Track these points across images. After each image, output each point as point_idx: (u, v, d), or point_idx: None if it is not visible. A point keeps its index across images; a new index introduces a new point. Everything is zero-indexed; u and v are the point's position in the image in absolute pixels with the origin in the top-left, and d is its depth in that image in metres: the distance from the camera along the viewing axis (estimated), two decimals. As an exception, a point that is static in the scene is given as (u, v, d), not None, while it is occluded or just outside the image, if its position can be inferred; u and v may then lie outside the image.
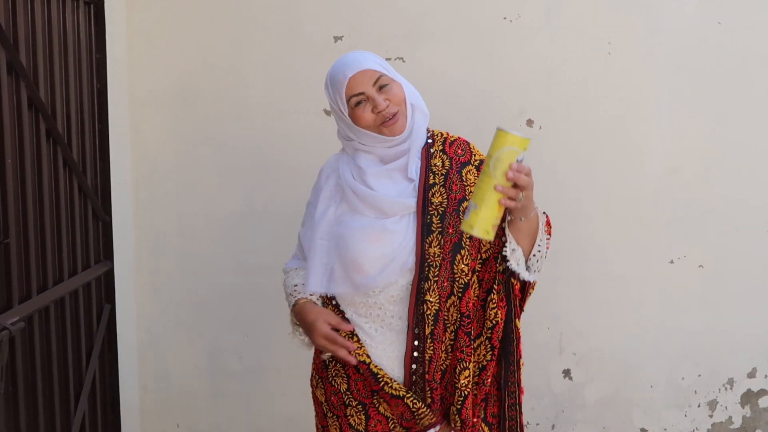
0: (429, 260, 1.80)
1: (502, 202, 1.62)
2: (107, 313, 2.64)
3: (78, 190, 2.43)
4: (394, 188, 1.86)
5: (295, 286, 2.00)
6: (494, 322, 1.84)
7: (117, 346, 2.71)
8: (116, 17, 2.77)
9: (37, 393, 2.15)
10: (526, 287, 1.88)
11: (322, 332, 1.84)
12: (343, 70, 1.84)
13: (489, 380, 1.86)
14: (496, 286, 1.84)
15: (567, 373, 3.08)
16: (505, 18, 2.89)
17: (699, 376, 3.08)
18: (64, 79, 2.32)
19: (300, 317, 1.94)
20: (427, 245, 1.81)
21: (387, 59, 2.89)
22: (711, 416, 3.11)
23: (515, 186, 1.62)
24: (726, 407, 3.11)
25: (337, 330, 1.86)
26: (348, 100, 1.83)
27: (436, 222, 1.82)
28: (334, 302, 1.93)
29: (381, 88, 1.82)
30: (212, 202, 3.02)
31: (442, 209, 1.83)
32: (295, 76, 2.93)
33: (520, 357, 1.90)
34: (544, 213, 1.88)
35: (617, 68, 2.91)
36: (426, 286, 1.80)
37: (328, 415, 1.94)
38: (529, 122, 2.94)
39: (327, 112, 2.94)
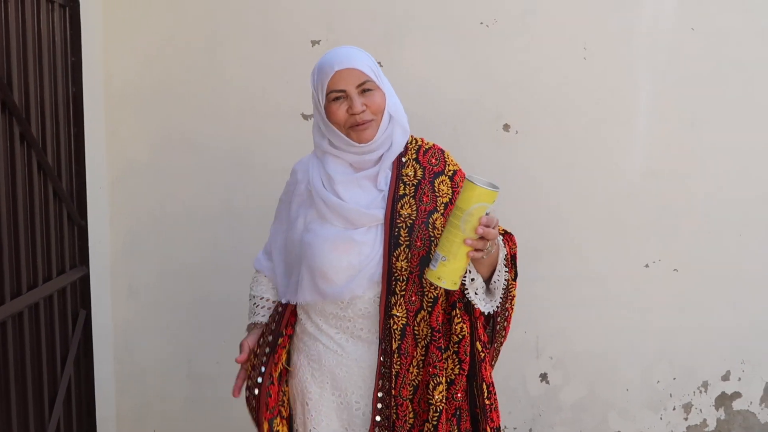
0: (396, 274, 1.78)
1: (470, 255, 1.65)
2: (83, 318, 2.61)
3: (53, 194, 2.40)
4: (363, 198, 1.83)
5: (260, 299, 2.08)
6: (460, 336, 1.81)
7: (93, 351, 2.68)
8: (92, 19, 2.75)
9: (11, 399, 2.12)
10: (491, 318, 1.88)
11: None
12: (332, 62, 1.81)
13: (459, 394, 1.82)
14: (458, 302, 1.81)
15: (544, 376, 3.10)
16: (482, 23, 2.91)
17: (674, 379, 3.11)
18: (38, 82, 2.30)
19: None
20: (394, 258, 1.78)
21: (365, 63, 2.90)
22: (686, 419, 3.14)
23: (482, 238, 1.64)
24: (701, 410, 3.14)
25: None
26: (328, 93, 1.80)
27: (404, 235, 1.79)
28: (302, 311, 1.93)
29: (364, 91, 1.80)
30: (189, 204, 3.00)
31: (411, 221, 1.80)
32: (272, 78, 2.92)
33: (485, 381, 1.84)
34: (506, 233, 1.85)
35: (593, 73, 2.94)
36: (393, 300, 1.78)
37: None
38: (506, 126, 2.95)
39: (304, 116, 2.93)
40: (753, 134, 2.99)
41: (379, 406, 1.81)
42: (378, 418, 1.81)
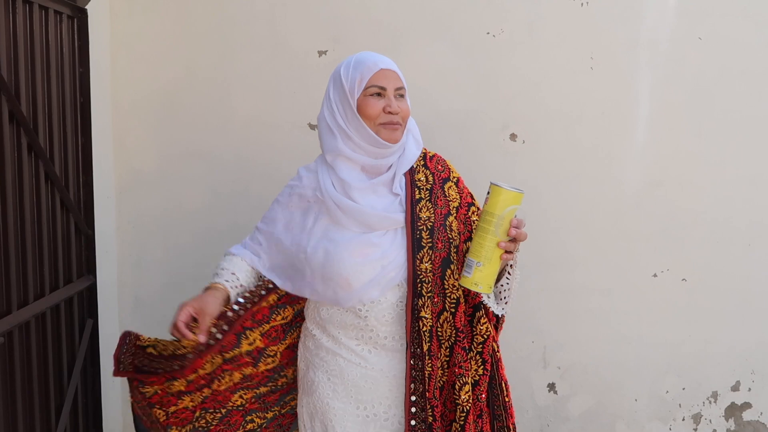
0: (421, 276, 1.79)
1: (504, 257, 1.70)
2: (89, 327, 2.62)
3: (60, 204, 2.41)
4: (379, 202, 1.84)
5: (231, 273, 1.96)
6: (485, 336, 1.83)
7: (99, 360, 2.69)
8: (100, 30, 2.77)
9: (17, 409, 2.12)
10: (499, 319, 1.91)
11: (177, 318, 1.84)
12: (376, 60, 1.86)
13: (483, 395, 1.84)
14: (483, 304, 1.83)
15: (552, 386, 3.08)
16: (488, 33, 2.91)
17: (683, 389, 3.09)
18: (46, 93, 2.31)
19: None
20: (418, 261, 1.79)
21: (371, 73, 2.90)
22: (695, 429, 3.11)
23: (513, 240, 1.70)
24: (710, 420, 3.11)
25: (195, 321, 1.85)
26: (367, 87, 1.82)
27: (425, 237, 1.81)
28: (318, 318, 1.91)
29: (398, 96, 1.85)
30: (196, 215, 3.01)
31: (431, 224, 1.82)
32: (279, 89, 2.93)
33: (504, 380, 1.90)
34: None
35: (599, 82, 2.93)
36: (420, 302, 1.78)
37: None
38: (513, 136, 2.95)
39: (311, 126, 2.94)
40: (760, 143, 2.98)
41: (413, 410, 1.80)
42: (413, 423, 1.81)
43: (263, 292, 1.94)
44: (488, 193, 1.69)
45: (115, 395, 3.01)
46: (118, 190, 2.99)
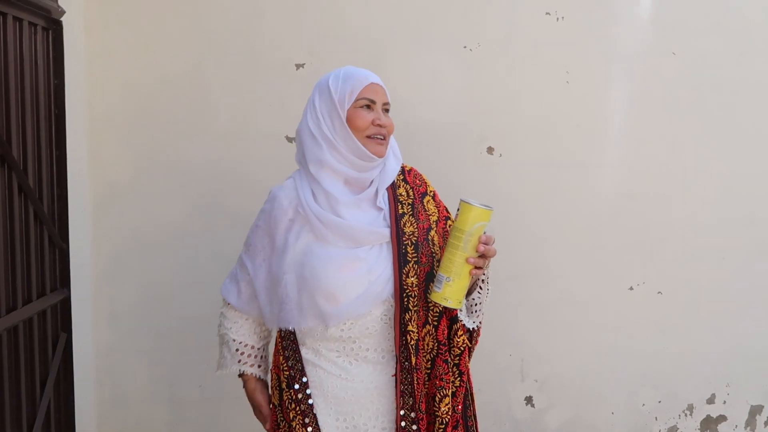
0: (407, 290, 1.80)
1: (473, 273, 1.72)
2: (63, 341, 2.58)
3: (34, 217, 2.39)
4: (364, 218, 1.84)
5: (245, 345, 2.06)
6: (461, 348, 1.85)
7: (73, 375, 2.65)
8: (75, 42, 2.75)
9: (-13, 424, 2.09)
10: (471, 333, 1.92)
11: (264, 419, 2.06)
12: (366, 74, 1.89)
13: (459, 407, 1.85)
14: (459, 318, 1.85)
15: (529, 399, 3.09)
16: (465, 47, 2.93)
17: (659, 402, 3.11)
18: (20, 105, 2.29)
19: (247, 390, 2.11)
20: (404, 275, 1.80)
21: (348, 86, 2.91)
22: (671, 441, 3.13)
23: (482, 256, 1.72)
24: (686, 432, 3.13)
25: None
26: (358, 99, 1.84)
27: (411, 252, 1.82)
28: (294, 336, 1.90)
29: (385, 111, 1.89)
30: (172, 228, 2.99)
31: (415, 239, 1.84)
32: (256, 101, 2.93)
33: (472, 390, 1.93)
34: None
35: (575, 96, 2.96)
36: (407, 316, 1.79)
37: None
38: (490, 149, 2.97)
39: (289, 138, 2.94)
40: (733, 157, 3.02)
41: (403, 424, 1.81)
42: None
43: None
44: (458, 209, 1.71)
45: (90, 410, 2.98)
46: (93, 202, 2.97)
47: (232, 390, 3.02)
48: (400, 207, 1.87)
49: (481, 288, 1.87)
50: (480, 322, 1.91)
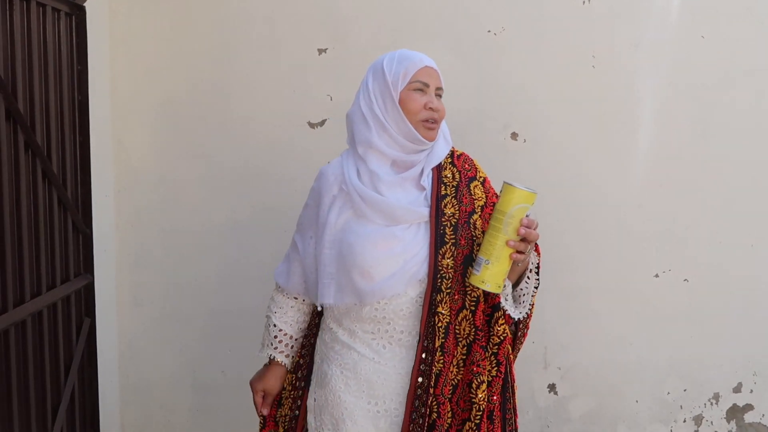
0: (442, 272, 1.78)
1: (513, 257, 1.68)
2: (87, 326, 2.60)
3: (58, 203, 2.39)
4: (405, 197, 1.83)
5: (280, 331, 2.04)
6: (501, 337, 1.81)
7: (97, 359, 2.67)
8: (99, 28, 2.75)
9: (13, 409, 2.11)
10: (517, 324, 1.89)
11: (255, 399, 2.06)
12: (421, 57, 1.88)
13: (495, 397, 1.82)
14: (502, 305, 1.81)
15: (552, 387, 3.06)
16: (489, 31, 2.89)
17: (684, 390, 3.07)
18: (43, 91, 2.29)
19: (262, 371, 2.09)
20: (440, 256, 1.78)
21: (371, 72, 2.89)
22: (696, 431, 3.09)
23: (524, 240, 1.68)
24: (712, 422, 3.09)
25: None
26: (412, 81, 1.83)
27: (449, 233, 1.80)
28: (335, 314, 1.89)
29: (438, 96, 1.88)
30: (195, 214, 2.99)
31: (455, 221, 1.81)
32: (278, 87, 2.92)
33: (514, 382, 1.89)
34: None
35: (602, 81, 2.91)
36: (438, 297, 1.77)
37: None
38: (514, 135, 2.93)
39: (311, 125, 2.92)
40: (763, 143, 2.96)
41: (416, 403, 1.79)
42: (413, 416, 1.79)
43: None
44: (500, 191, 1.69)
45: (113, 395, 3.00)
46: (116, 188, 2.98)
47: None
48: (443, 188, 1.85)
49: (528, 278, 1.83)
50: (528, 314, 1.86)
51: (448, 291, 1.78)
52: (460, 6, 2.88)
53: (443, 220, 1.81)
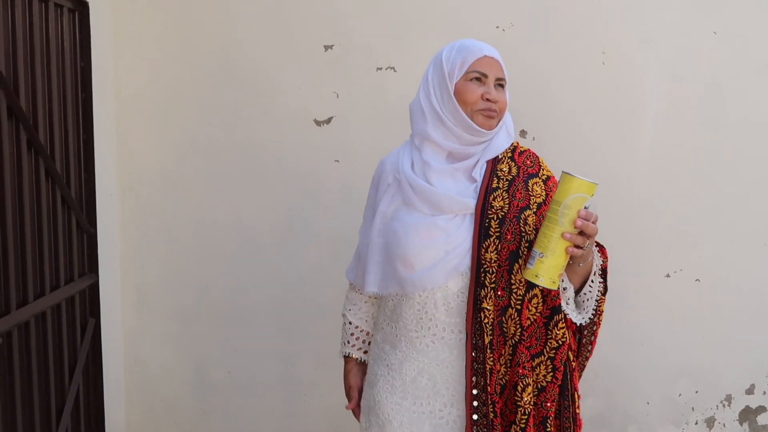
0: (485, 266, 1.72)
1: (569, 250, 1.58)
2: (92, 327, 2.58)
3: (61, 202, 2.37)
4: (455, 187, 1.79)
5: (355, 327, 2.07)
6: (560, 342, 1.74)
7: (102, 360, 2.65)
8: (102, 24, 2.72)
9: (16, 410, 2.08)
10: (582, 330, 1.82)
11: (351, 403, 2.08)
12: (481, 47, 1.82)
13: (549, 403, 1.75)
14: (562, 306, 1.75)
15: (562, 388, 3.02)
16: (497, 27, 2.85)
17: (696, 392, 3.03)
18: (46, 88, 2.27)
19: (344, 371, 2.10)
20: (483, 249, 1.73)
21: (377, 69, 2.86)
22: (708, 433, 3.06)
23: (581, 233, 1.58)
24: (724, 424, 3.05)
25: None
26: (469, 71, 1.78)
27: (494, 226, 1.74)
28: (390, 305, 1.87)
29: (498, 86, 1.81)
30: (200, 213, 2.96)
31: (503, 214, 1.75)
32: (284, 84, 2.88)
33: (576, 390, 1.81)
34: (599, 246, 1.79)
35: (612, 78, 2.87)
36: (482, 293, 1.72)
37: None
38: (523, 132, 2.89)
39: (317, 122, 2.89)
40: (777, 140, 2.92)
41: (475, 404, 1.74)
42: (475, 417, 1.74)
43: None
44: (559, 181, 1.61)
45: (119, 396, 2.98)
46: (121, 187, 2.95)
47: (261, 375, 3.01)
48: (495, 181, 1.79)
49: (592, 281, 1.74)
50: (594, 320, 1.79)
51: (492, 286, 1.72)
52: (467, 1, 2.84)
53: (490, 213, 1.75)
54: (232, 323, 3.01)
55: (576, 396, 1.79)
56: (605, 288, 1.77)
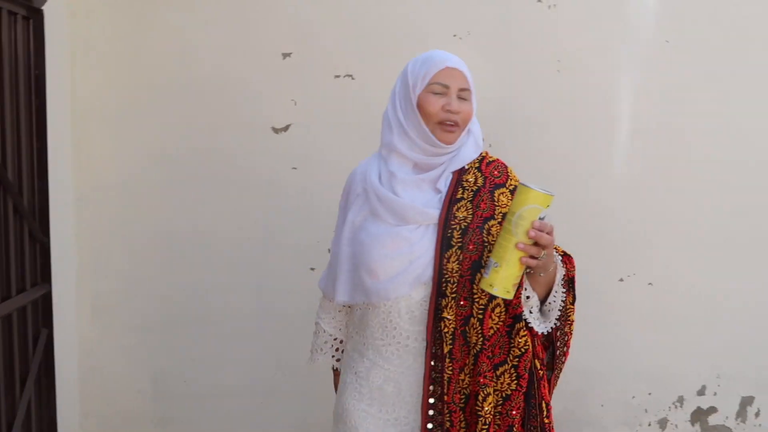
0: (446, 275, 1.74)
1: (523, 261, 1.59)
2: (44, 337, 2.53)
3: (13, 211, 2.33)
4: (420, 197, 1.81)
5: (328, 334, 2.07)
6: (522, 350, 1.75)
7: (54, 371, 2.60)
8: (57, 31, 2.69)
9: (-34, 423, 2.04)
10: (553, 341, 1.82)
11: None
12: (444, 58, 1.82)
13: (514, 412, 1.76)
14: (525, 315, 1.76)
15: (519, 392, 3.06)
16: (455, 35, 2.88)
17: (649, 394, 3.09)
18: (-1, 96, 2.23)
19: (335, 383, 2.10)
20: (445, 260, 1.74)
21: (335, 76, 2.87)
22: (662, 434, 3.12)
23: (537, 244, 1.60)
24: (676, 425, 3.11)
25: None
26: (431, 83, 1.79)
27: (456, 237, 1.75)
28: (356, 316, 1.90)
29: (461, 98, 1.81)
30: (159, 221, 2.94)
31: (465, 224, 1.76)
32: (242, 91, 2.88)
33: (544, 399, 1.81)
34: (565, 255, 1.82)
35: (568, 86, 2.92)
36: (443, 302, 1.74)
37: None
38: (480, 141, 2.92)
39: (275, 129, 2.89)
40: (728, 148, 2.99)
41: (431, 412, 1.76)
42: (430, 426, 1.76)
43: None
44: (515, 192, 1.63)
45: (73, 407, 2.93)
46: (76, 195, 2.91)
47: (219, 383, 2.99)
48: (460, 192, 1.81)
49: (556, 291, 1.76)
50: (565, 331, 1.81)
51: (453, 296, 1.74)
52: (426, 10, 2.87)
53: (453, 223, 1.77)
54: (189, 331, 2.99)
55: (544, 405, 1.80)
56: (574, 297, 1.79)
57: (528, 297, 1.75)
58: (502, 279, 1.60)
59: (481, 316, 1.74)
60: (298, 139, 2.89)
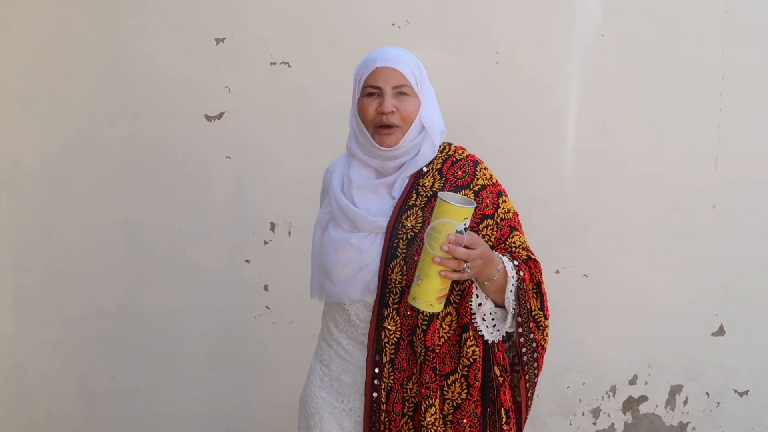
0: (390, 286, 1.72)
1: (442, 275, 1.56)
2: (-39, 334, 2.41)
3: (-74, 199, 2.20)
4: (375, 204, 1.77)
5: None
6: (471, 360, 1.73)
7: (-27, 369, 2.48)
8: (-27, 10, 2.55)
9: None
10: (518, 347, 1.78)
11: None
12: (376, 58, 1.78)
13: (465, 420, 1.74)
14: (471, 324, 1.73)
15: (456, 384, 3.06)
16: (393, 24, 2.85)
17: (583, 384, 3.13)
18: None
19: None
20: (389, 270, 1.72)
21: (271, 63, 2.80)
22: (595, 423, 3.16)
23: (454, 259, 1.55)
24: (609, 414, 3.17)
25: None
26: (364, 87, 1.76)
27: (402, 247, 1.72)
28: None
29: (399, 94, 1.75)
30: (83, 211, 2.82)
31: (413, 234, 1.72)
32: (173, 78, 2.79)
33: (503, 405, 1.76)
34: (530, 259, 1.78)
35: (505, 78, 2.92)
36: (385, 312, 1.72)
37: None
38: (418, 131, 2.90)
39: (208, 117, 2.81)
40: (659, 140, 3.05)
41: (373, 418, 1.76)
42: None
43: None
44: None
45: (-7, 405, 2.80)
46: (-4, 183, 2.77)
47: (148, 380, 2.90)
48: (413, 198, 1.76)
49: (507, 298, 1.72)
50: (532, 337, 1.76)
51: (396, 306, 1.72)
52: (363, -2, 2.83)
53: (400, 232, 1.73)
54: (117, 326, 2.88)
55: (503, 412, 1.76)
56: (542, 303, 1.78)
57: (480, 304, 1.72)
58: (423, 292, 1.58)
59: (425, 327, 1.72)
60: (232, 128, 2.82)
